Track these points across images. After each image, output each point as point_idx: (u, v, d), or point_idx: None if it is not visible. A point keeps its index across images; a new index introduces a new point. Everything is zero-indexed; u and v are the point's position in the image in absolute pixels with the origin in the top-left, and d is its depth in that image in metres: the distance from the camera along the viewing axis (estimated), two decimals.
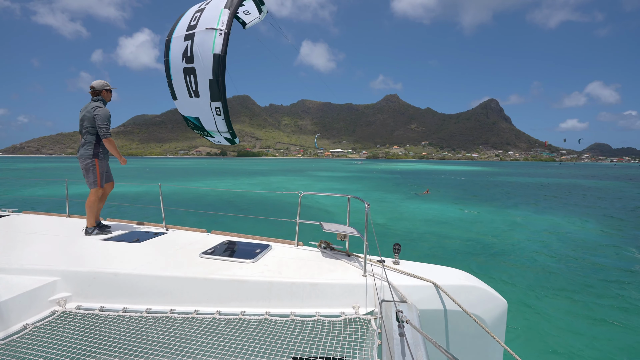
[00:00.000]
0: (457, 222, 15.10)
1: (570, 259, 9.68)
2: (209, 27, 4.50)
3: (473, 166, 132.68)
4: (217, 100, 4.70)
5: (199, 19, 4.64)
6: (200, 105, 4.86)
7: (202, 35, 4.55)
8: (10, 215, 5.06)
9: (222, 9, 4.54)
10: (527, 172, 78.28)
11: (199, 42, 4.57)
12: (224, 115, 4.80)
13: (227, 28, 4.44)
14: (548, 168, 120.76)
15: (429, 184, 35.43)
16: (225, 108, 4.78)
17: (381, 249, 2.66)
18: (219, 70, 4.52)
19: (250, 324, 2.24)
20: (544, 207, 20.00)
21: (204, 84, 4.65)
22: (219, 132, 5.14)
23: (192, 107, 5.01)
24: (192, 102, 4.93)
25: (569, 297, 7.06)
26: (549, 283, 7.82)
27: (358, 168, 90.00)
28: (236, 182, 36.57)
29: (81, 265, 2.77)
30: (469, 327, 2.34)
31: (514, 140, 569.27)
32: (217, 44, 4.43)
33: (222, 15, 4.49)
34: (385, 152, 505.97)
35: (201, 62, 4.56)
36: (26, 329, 2.16)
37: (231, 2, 4.61)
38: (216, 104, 4.74)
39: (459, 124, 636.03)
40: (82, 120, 4.13)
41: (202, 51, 4.53)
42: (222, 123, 4.84)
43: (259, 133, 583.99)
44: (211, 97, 4.70)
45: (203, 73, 4.59)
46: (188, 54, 4.64)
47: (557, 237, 12.36)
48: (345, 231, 3.00)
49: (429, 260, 3.02)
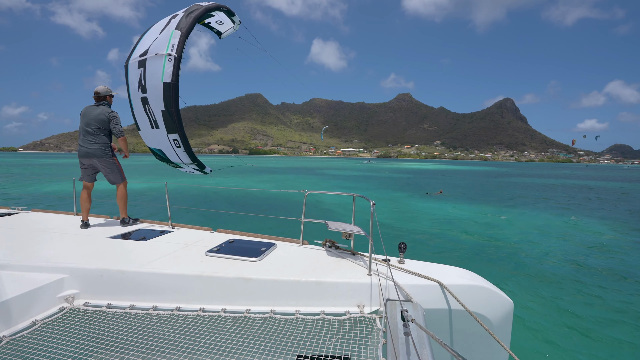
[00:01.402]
0: (466, 222, 14.88)
1: (583, 262, 9.43)
2: (158, 52, 4.19)
3: (486, 166, 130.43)
4: (173, 132, 4.46)
5: (152, 44, 4.36)
6: (161, 137, 4.64)
7: (152, 61, 4.26)
8: (19, 213, 5.15)
9: (173, 30, 4.21)
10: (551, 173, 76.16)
11: (149, 70, 4.30)
12: (184, 147, 4.56)
13: (178, 52, 4.12)
14: (575, 170, 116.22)
15: (437, 184, 35.03)
16: (184, 140, 4.53)
17: (387, 248, 2.63)
18: (170, 100, 4.24)
19: (255, 322, 2.24)
20: (562, 209, 19.52)
21: (159, 115, 4.42)
22: (184, 164, 4.94)
23: (154, 138, 4.80)
24: (154, 134, 4.72)
25: (579, 300, 6.89)
26: (559, 285, 7.64)
27: (367, 167, 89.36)
28: (244, 179, 36.80)
29: (89, 263, 2.81)
30: (474, 327, 2.31)
31: (529, 140, 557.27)
32: (167, 71, 4.15)
33: (173, 37, 4.16)
34: (397, 152, 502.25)
35: (153, 92, 4.30)
36: (35, 325, 2.20)
37: (185, 22, 4.25)
38: (173, 136, 4.49)
39: (472, 123, 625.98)
40: (93, 121, 4.33)
41: (153, 80, 4.26)
42: (184, 155, 4.63)
43: (271, 131, 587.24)
44: (167, 129, 4.46)
45: (156, 104, 4.35)
46: (142, 83, 4.39)
47: (573, 240, 12.05)
48: (350, 230, 2.98)
49: (435, 260, 2.98)
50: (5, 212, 5.09)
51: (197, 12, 4.40)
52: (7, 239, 3.61)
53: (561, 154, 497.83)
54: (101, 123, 4.34)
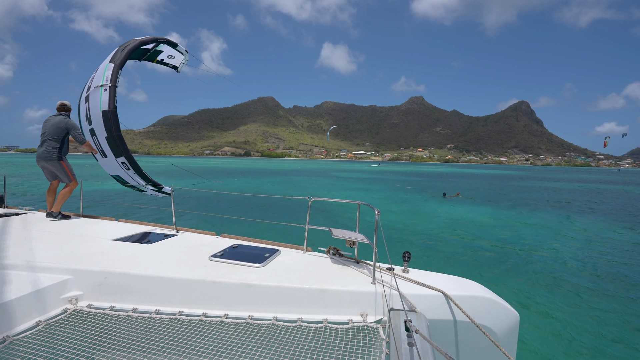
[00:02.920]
0: (480, 227, 14.55)
1: (598, 273, 9.07)
2: (96, 85, 4.53)
3: (503, 170, 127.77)
4: (120, 156, 4.73)
5: (93, 79, 4.69)
6: (113, 163, 4.90)
7: (93, 95, 4.60)
8: (26, 213, 5.24)
9: (107, 64, 4.57)
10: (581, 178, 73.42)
11: (92, 103, 4.63)
12: (134, 169, 4.78)
13: (112, 82, 4.45)
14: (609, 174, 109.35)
15: (453, 187, 34.46)
16: (131, 161, 4.74)
17: (392, 255, 2.61)
18: (111, 125, 4.53)
19: (257, 329, 2.23)
20: (583, 216, 18.92)
21: (104, 142, 4.71)
22: (143, 186, 5.14)
23: (109, 166, 5.04)
24: (107, 162, 4.98)
25: (593, 315, 6.60)
26: (573, 299, 7.36)
27: (377, 170, 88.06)
28: (251, 182, 36.97)
29: (93, 265, 2.83)
30: (479, 338, 2.27)
31: (545, 144, 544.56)
32: (104, 100, 4.47)
33: (107, 70, 4.52)
34: (409, 155, 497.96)
35: (96, 121, 4.63)
36: (39, 326, 2.21)
37: (119, 56, 4.63)
38: (121, 160, 4.76)
39: (486, 126, 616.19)
40: (48, 129, 4.75)
41: (94, 110, 4.60)
42: (137, 177, 4.85)
43: (283, 134, 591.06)
44: (114, 153, 4.74)
45: (100, 132, 4.68)
46: (88, 116, 4.75)
47: (592, 248, 11.64)
48: (354, 238, 2.96)
49: (442, 268, 2.93)
50: (13, 212, 5.18)
51: (130, 45, 4.80)
52: (13, 239, 3.66)
53: (579, 157, 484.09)
54: (55, 130, 4.70)
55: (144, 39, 4.92)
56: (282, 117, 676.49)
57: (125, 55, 4.60)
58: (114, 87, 4.42)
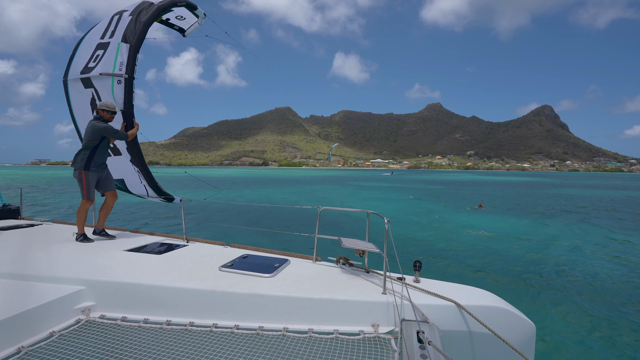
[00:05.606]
0: (494, 238, 14.03)
1: (621, 286, 8.52)
2: (104, 71, 3.45)
3: (529, 177, 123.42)
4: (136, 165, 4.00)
5: (100, 59, 3.56)
6: (124, 165, 4.16)
7: (100, 84, 3.58)
8: (42, 224, 5.39)
9: (120, 42, 3.44)
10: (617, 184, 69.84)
11: (101, 95, 3.69)
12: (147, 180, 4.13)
13: (129, 72, 3.41)
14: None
15: (474, 196, 33.54)
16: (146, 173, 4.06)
17: (402, 265, 2.55)
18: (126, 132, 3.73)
19: (268, 340, 2.22)
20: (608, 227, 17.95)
21: (121, 143, 3.91)
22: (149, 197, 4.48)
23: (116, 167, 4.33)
24: (114, 161, 4.16)
25: (617, 328, 6.19)
26: (591, 310, 6.92)
27: (392, 178, 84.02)
28: (264, 192, 37.21)
29: (105, 276, 2.89)
30: (493, 350, 2.21)
31: (572, 149, 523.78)
32: (118, 97, 3.55)
33: (120, 52, 3.42)
34: (428, 162, 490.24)
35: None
36: (52, 337, 2.24)
37: (134, 31, 3.44)
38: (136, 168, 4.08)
39: (508, 132, 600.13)
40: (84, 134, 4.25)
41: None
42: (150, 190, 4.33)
43: (300, 144, 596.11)
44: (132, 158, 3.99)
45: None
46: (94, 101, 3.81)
47: (614, 261, 10.99)
48: (364, 247, 2.91)
49: (455, 278, 2.83)
50: (29, 224, 5.34)
51: (148, 14, 3.53)
52: (28, 250, 3.77)
53: (609, 162, 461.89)
54: (89, 135, 4.11)
55: (161, 4, 3.65)
56: (299, 126, 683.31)
57: (142, 31, 3.44)
58: (130, 79, 3.44)
